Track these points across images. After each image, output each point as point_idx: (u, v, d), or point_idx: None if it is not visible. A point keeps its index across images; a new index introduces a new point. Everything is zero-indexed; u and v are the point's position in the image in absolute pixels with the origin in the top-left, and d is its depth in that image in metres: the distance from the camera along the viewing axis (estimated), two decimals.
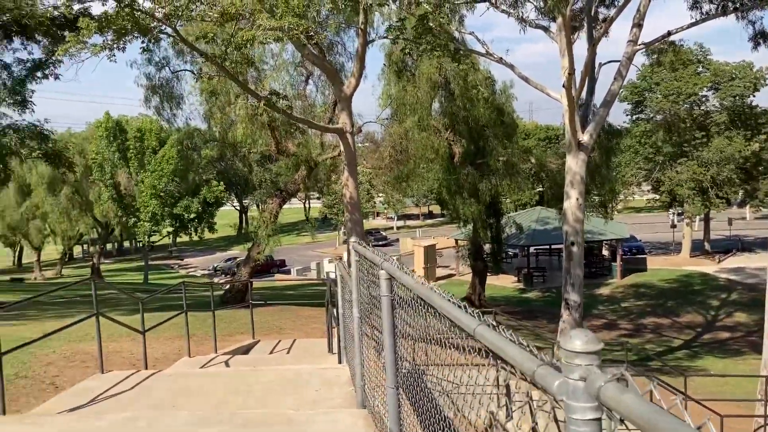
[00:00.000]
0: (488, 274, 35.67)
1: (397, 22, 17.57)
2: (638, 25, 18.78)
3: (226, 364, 9.14)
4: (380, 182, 34.00)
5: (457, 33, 21.24)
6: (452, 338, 2.49)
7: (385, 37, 19.86)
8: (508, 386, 6.88)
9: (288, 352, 11.51)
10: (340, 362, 8.27)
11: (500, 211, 34.38)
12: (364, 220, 24.57)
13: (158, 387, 6.81)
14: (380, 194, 72.86)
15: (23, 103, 28.42)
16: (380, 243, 67.32)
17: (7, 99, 28.07)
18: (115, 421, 5.26)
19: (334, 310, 9.28)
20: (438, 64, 25.32)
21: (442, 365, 3.15)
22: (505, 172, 29.17)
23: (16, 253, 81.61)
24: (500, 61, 19.97)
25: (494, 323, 1.95)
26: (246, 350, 11.70)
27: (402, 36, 17.17)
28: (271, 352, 11.63)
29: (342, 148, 18.30)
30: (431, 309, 2.59)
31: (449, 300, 2.32)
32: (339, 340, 8.35)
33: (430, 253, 45.47)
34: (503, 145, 29.15)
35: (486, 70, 29.47)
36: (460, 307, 2.20)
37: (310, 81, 25.21)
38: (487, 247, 34.26)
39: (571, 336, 1.38)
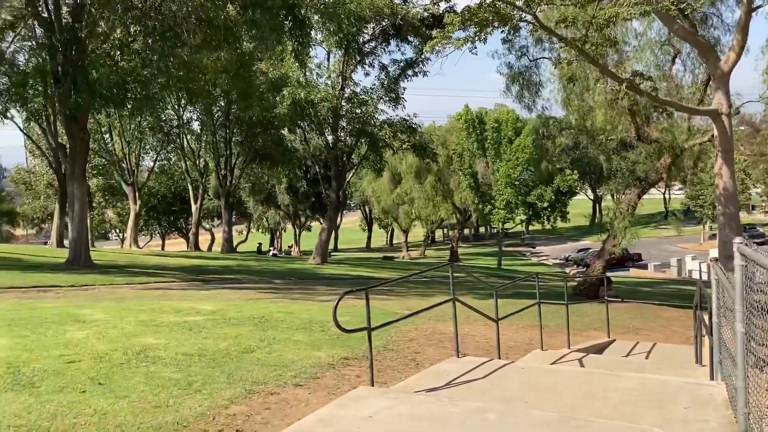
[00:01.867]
0: None
1: None
2: None
3: (580, 363, 8.65)
4: (760, 171, 29.44)
5: None
6: None
7: None
8: None
9: (647, 357, 10.50)
10: (712, 378, 7.14)
11: None
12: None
13: (510, 379, 6.67)
14: (757, 185, 63.58)
15: (396, 100, 31.84)
16: (757, 241, 58.74)
17: (384, 97, 31.78)
18: (467, 410, 5.23)
19: (704, 316, 8.08)
20: None
21: None
22: None
23: (389, 234, 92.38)
24: None
25: None
26: (600, 349, 11.01)
27: None
28: (627, 355, 10.75)
29: (715, 132, 16.13)
30: None
31: None
32: (711, 352, 7.21)
33: None
34: None
35: None
36: None
37: (677, 60, 22.83)
38: None
39: None
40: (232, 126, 41.94)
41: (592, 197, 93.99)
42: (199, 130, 45.40)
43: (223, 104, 40.70)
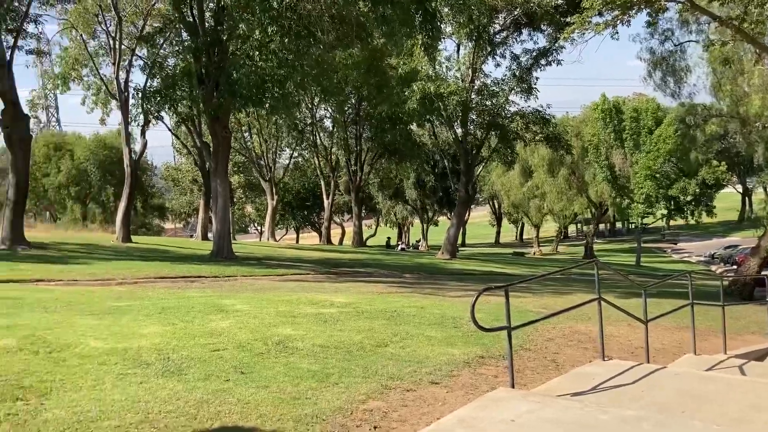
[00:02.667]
0: None
1: None
2: None
3: (741, 370, 7.86)
4: None
5: None
6: None
7: None
8: None
9: None
10: None
11: None
12: None
13: (663, 386, 6.14)
14: None
15: (529, 91, 30.92)
16: None
17: (515, 87, 30.97)
18: (618, 418, 4.83)
19: None
20: None
21: None
22: None
23: (518, 229, 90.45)
24: None
25: None
26: (762, 356, 10.00)
27: None
28: None
29: None
30: None
31: None
32: None
33: None
34: None
35: None
36: None
37: None
38: None
39: None
40: (362, 122, 42.70)
41: (740, 190, 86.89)
42: (331, 128, 46.64)
43: (353, 101, 41.52)
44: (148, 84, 25.38)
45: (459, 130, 32.57)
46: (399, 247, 56.46)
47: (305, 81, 20.93)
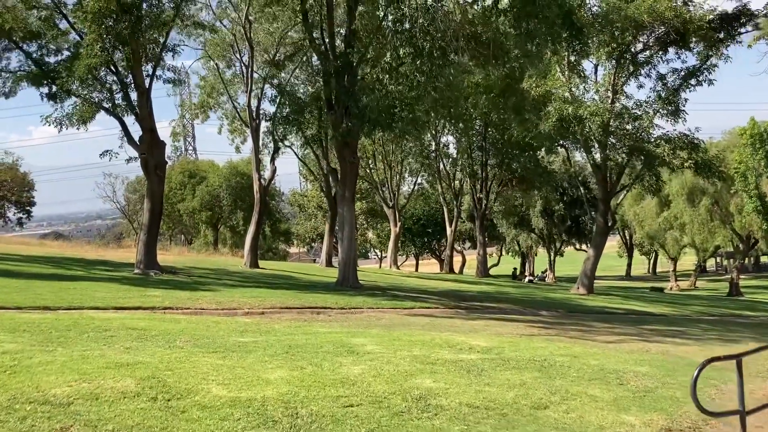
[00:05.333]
0: None
1: None
2: None
3: None
4: None
5: None
6: None
7: None
8: None
9: None
10: None
11: None
12: None
13: None
14: None
15: (676, 113, 28.33)
16: None
17: (661, 110, 28.47)
18: None
19: None
20: None
21: None
22: None
23: (651, 262, 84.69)
24: None
25: None
26: None
27: None
28: None
29: None
30: None
31: None
32: None
33: None
34: None
35: None
36: None
37: None
38: None
39: None
40: (488, 149, 41.48)
41: None
42: (455, 153, 45.74)
43: (478, 127, 40.44)
44: (278, 111, 25.58)
45: (597, 156, 30.47)
46: (526, 279, 54.18)
47: (436, 105, 20.10)
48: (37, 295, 13.26)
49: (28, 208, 56.22)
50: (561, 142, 32.75)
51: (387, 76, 19.15)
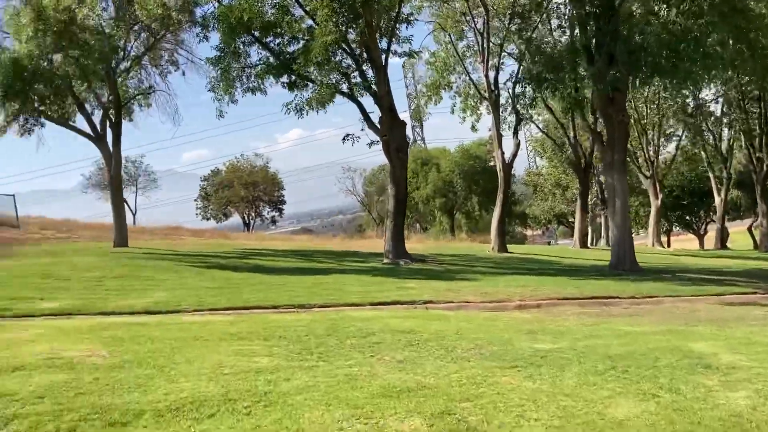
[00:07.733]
0: None
1: None
2: None
3: None
4: None
5: None
6: None
7: None
8: None
9: None
10: None
11: None
12: None
13: None
14: None
15: None
16: None
17: None
18: None
19: None
20: None
21: None
22: None
23: None
24: None
25: None
26: None
27: None
28: None
29: None
30: None
31: None
32: None
33: None
34: None
35: None
36: None
37: None
38: None
39: None
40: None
41: None
42: (720, 109, 38.90)
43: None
44: (524, 74, 22.69)
45: None
46: None
47: (727, 37, 15.83)
48: (291, 292, 12.40)
49: (280, 206, 60.24)
50: None
51: (664, 5, 15.35)
